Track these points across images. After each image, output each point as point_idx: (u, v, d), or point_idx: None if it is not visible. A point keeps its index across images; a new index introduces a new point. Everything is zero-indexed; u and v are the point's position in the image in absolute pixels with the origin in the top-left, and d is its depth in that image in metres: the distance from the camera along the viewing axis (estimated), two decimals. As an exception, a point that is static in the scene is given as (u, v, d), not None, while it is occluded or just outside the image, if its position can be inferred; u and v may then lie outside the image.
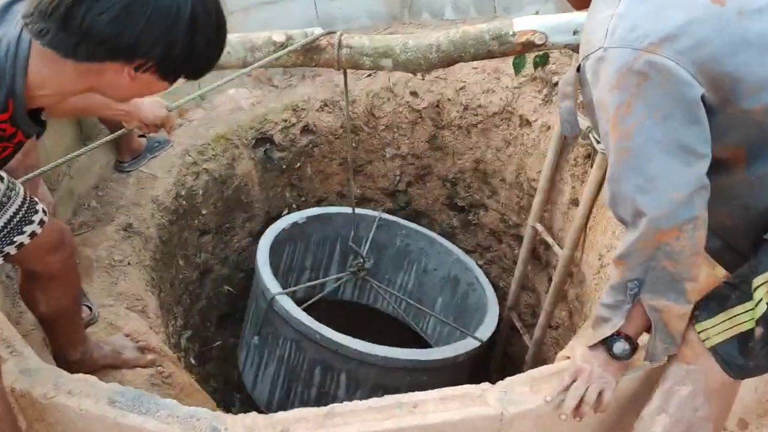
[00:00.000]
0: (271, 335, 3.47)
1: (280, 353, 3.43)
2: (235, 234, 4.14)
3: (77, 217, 3.22)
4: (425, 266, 4.42)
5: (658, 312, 1.48)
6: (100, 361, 2.37)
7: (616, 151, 1.45)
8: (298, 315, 3.29)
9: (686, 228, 1.41)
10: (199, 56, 1.41)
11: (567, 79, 1.56)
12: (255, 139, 4.01)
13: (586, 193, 3.15)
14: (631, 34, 1.38)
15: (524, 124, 3.67)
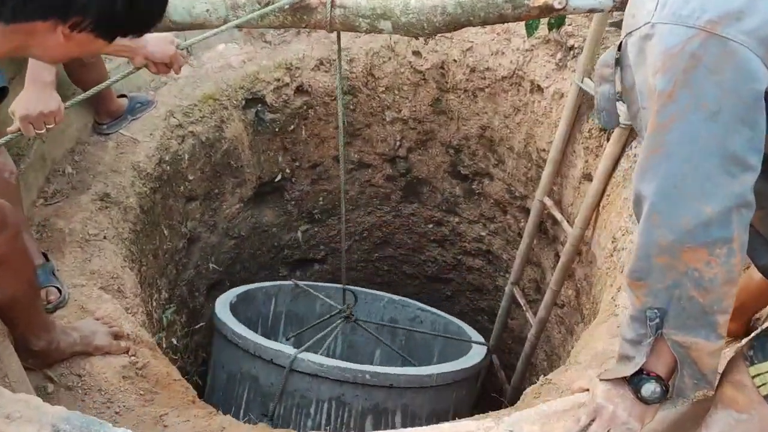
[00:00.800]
0: (296, 406, 3.00)
1: (317, 419, 2.98)
2: (225, 200, 3.91)
3: (50, 184, 2.99)
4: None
5: (685, 348, 1.25)
6: (68, 349, 2.18)
7: (647, 146, 1.20)
8: (339, 364, 2.94)
9: (719, 252, 1.16)
10: (140, 12, 1.27)
11: (606, 58, 1.30)
12: (245, 100, 3.74)
13: (601, 169, 2.91)
14: (685, 7, 1.12)
15: (535, 90, 3.40)
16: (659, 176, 1.18)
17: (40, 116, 2.22)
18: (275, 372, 2.98)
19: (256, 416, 3.06)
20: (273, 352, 3.00)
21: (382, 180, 4.38)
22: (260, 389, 3.07)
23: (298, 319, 4.08)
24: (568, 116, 3.15)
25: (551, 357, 3.91)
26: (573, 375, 2.03)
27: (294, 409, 3.00)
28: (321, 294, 3.88)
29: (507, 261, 4.33)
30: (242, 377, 3.13)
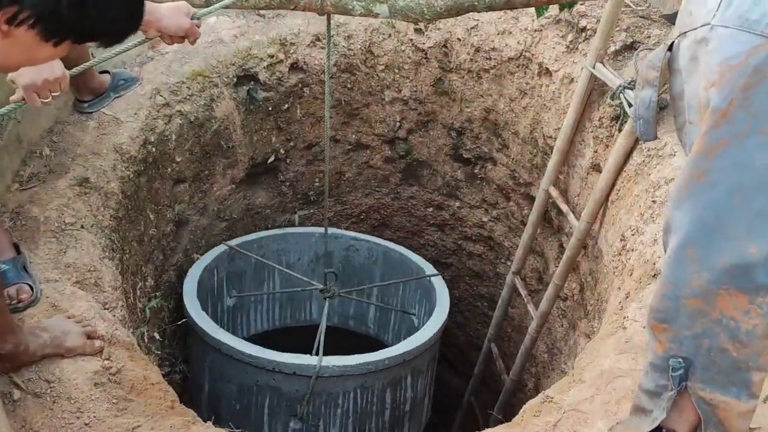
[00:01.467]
0: (324, 403, 3.16)
1: (345, 406, 3.18)
2: (215, 182, 3.74)
3: (27, 167, 2.81)
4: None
5: (712, 407, 1.09)
6: (38, 351, 2.03)
7: (690, 168, 1.04)
8: (363, 359, 3.08)
9: (760, 301, 1.00)
10: (96, 14, 1.09)
11: (652, 60, 1.12)
12: (237, 77, 3.55)
13: (611, 162, 2.73)
14: (755, 9, 0.93)
15: (543, 74, 3.20)
16: (700, 206, 1.01)
17: (45, 84, 2.06)
18: (298, 381, 3.06)
19: (283, 419, 3.18)
20: (295, 366, 3.02)
21: (381, 162, 4.20)
22: (284, 396, 3.13)
23: (237, 276, 4.04)
24: (577, 103, 2.96)
25: (552, 350, 3.78)
26: (576, 394, 1.89)
27: (322, 405, 3.16)
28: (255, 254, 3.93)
29: (509, 248, 4.17)
30: (260, 389, 3.15)
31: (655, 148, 2.50)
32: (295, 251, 4.18)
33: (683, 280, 1.04)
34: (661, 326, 1.08)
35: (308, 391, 3.03)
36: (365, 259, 4.28)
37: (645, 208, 2.41)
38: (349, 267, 4.28)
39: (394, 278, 4.12)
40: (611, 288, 2.69)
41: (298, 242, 4.15)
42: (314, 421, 3.19)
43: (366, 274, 4.32)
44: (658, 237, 2.25)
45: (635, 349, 1.92)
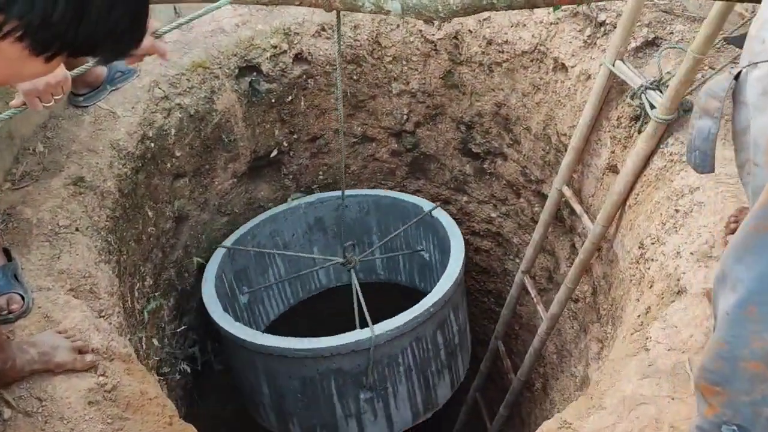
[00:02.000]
0: (386, 366, 3.32)
1: (407, 362, 3.36)
2: (216, 176, 3.62)
3: (19, 164, 2.70)
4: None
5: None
6: (26, 367, 1.93)
7: (755, 219, 0.92)
8: (413, 315, 3.20)
9: None
10: (95, 27, 0.93)
11: (714, 88, 1.00)
12: (239, 68, 3.42)
13: (629, 165, 2.61)
14: None
15: (559, 69, 3.06)
16: (765, 261, 0.89)
17: (47, 87, 1.95)
18: (358, 356, 3.17)
19: (353, 393, 3.29)
20: (352, 344, 3.11)
21: (387, 155, 4.07)
22: (348, 374, 3.23)
23: (243, 272, 4.02)
24: (594, 101, 2.82)
25: (561, 351, 3.68)
26: (597, 421, 1.79)
27: (385, 368, 3.28)
28: (251, 244, 3.95)
29: (518, 245, 4.06)
30: (323, 375, 3.23)
31: (678, 153, 2.38)
32: (288, 228, 4.14)
33: (742, 341, 0.92)
34: (714, 389, 0.97)
35: (370, 363, 3.14)
36: (357, 213, 4.25)
37: (667, 217, 2.29)
38: (345, 223, 4.19)
39: (390, 223, 4.14)
40: (627, 297, 2.58)
41: (287, 219, 4.11)
42: (382, 385, 3.32)
43: (363, 228, 4.32)
44: (681, 250, 2.13)
45: (659, 373, 1.82)
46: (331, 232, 4.29)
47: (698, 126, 1.05)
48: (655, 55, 2.58)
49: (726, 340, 0.94)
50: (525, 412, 4.27)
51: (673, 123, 2.42)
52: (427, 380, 3.54)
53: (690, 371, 1.78)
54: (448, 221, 3.83)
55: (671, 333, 1.90)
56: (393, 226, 4.20)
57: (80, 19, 0.91)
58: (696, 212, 2.17)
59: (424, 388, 3.58)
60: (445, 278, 3.44)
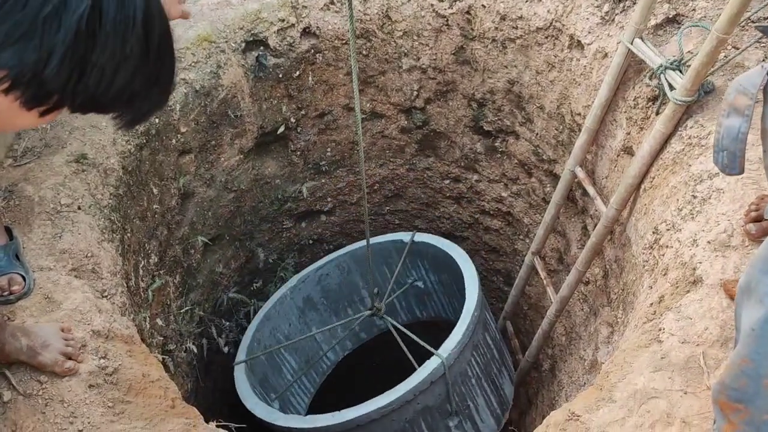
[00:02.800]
0: (462, 385, 3.31)
1: None
2: (223, 152, 3.56)
3: (21, 140, 2.65)
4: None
5: None
6: (12, 355, 1.90)
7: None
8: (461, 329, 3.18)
9: None
10: (100, 85, 0.86)
11: (744, 84, 0.93)
12: (245, 42, 3.34)
13: (646, 148, 2.52)
14: None
15: (574, 46, 2.96)
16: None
17: None
18: (436, 385, 3.12)
19: (443, 425, 3.24)
20: (429, 376, 3.05)
21: (396, 132, 3.99)
22: (433, 409, 3.18)
23: (264, 378, 4.03)
24: (611, 81, 2.73)
25: (570, 334, 3.64)
26: (606, 414, 1.74)
27: (461, 386, 3.27)
28: (258, 350, 3.95)
29: (528, 225, 4.00)
30: (412, 422, 3.15)
31: (698, 137, 2.29)
32: (283, 321, 4.17)
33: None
34: (735, 406, 0.91)
35: (448, 386, 3.11)
36: (339, 276, 4.25)
37: (684, 203, 2.21)
38: (332, 291, 4.29)
39: (376, 269, 4.06)
40: (640, 282, 2.52)
41: (279, 312, 4.12)
42: (464, 404, 3.28)
43: (352, 286, 4.31)
44: (698, 238, 2.06)
45: (672, 367, 1.76)
46: (322, 306, 4.28)
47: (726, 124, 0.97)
48: (676, 34, 2.48)
49: (751, 357, 0.89)
50: (532, 392, 4.24)
51: (693, 105, 2.33)
52: (494, 383, 3.55)
53: (704, 365, 1.73)
54: (436, 240, 3.84)
55: (685, 325, 1.84)
56: (379, 271, 4.16)
57: (78, 80, 0.84)
58: (714, 199, 2.10)
59: (495, 392, 3.57)
60: (469, 280, 3.47)
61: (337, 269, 4.17)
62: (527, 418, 4.23)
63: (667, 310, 1.96)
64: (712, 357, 1.75)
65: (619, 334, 2.78)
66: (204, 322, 3.92)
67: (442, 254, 3.81)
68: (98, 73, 0.84)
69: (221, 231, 3.91)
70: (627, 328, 2.36)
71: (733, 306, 1.80)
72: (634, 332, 2.10)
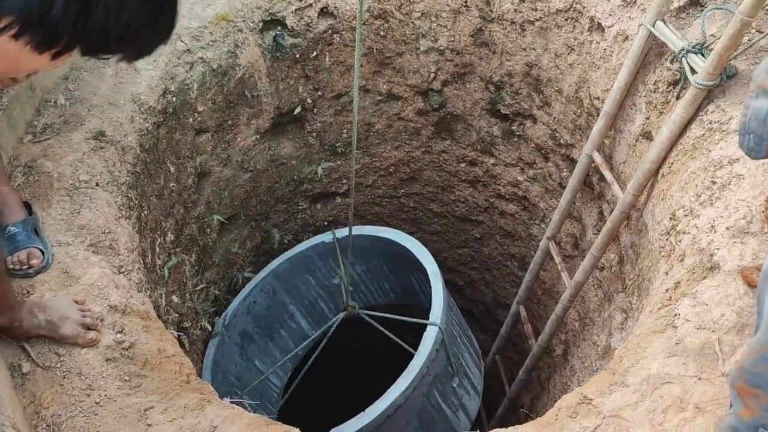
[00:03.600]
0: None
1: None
2: (239, 132, 3.57)
3: (41, 117, 2.68)
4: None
5: None
6: (32, 331, 1.93)
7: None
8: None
9: None
10: (106, 23, 0.87)
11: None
12: (263, 22, 3.33)
13: (665, 133, 2.50)
14: None
15: (594, 29, 2.92)
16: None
17: None
18: (440, 352, 3.24)
19: (450, 388, 3.36)
20: (436, 343, 3.16)
21: (413, 114, 3.98)
22: (442, 376, 3.29)
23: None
24: (631, 64, 2.70)
25: (584, 319, 3.63)
26: (619, 399, 1.74)
27: (453, 347, 3.37)
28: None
29: (544, 210, 3.98)
30: (428, 394, 3.22)
31: (718, 122, 2.26)
32: (229, 361, 3.94)
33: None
34: (753, 391, 0.91)
35: (448, 350, 3.25)
36: (267, 299, 4.12)
37: (702, 189, 2.19)
38: (263, 318, 4.14)
39: (298, 278, 4.14)
40: (656, 268, 2.50)
41: (222, 354, 3.87)
42: (459, 363, 3.45)
43: (280, 307, 4.24)
44: (716, 224, 2.04)
45: (686, 352, 1.76)
46: (257, 336, 4.14)
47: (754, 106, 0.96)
48: (699, 16, 2.44)
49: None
50: (544, 377, 4.25)
51: (715, 89, 2.30)
52: (467, 335, 3.78)
53: (719, 352, 1.72)
54: (360, 229, 3.84)
55: (701, 311, 1.83)
56: (302, 280, 4.16)
57: (85, 19, 0.85)
58: (734, 185, 2.07)
59: (470, 344, 3.78)
60: (419, 251, 3.59)
61: (262, 293, 4.06)
62: (539, 402, 4.24)
63: (683, 296, 1.94)
64: (728, 343, 1.74)
65: (633, 320, 2.77)
66: (219, 301, 3.95)
67: (368, 242, 3.82)
68: (104, 9, 0.85)
69: (237, 211, 3.93)
70: (642, 314, 2.35)
71: (750, 293, 1.79)
72: (648, 317, 2.09)
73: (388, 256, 3.96)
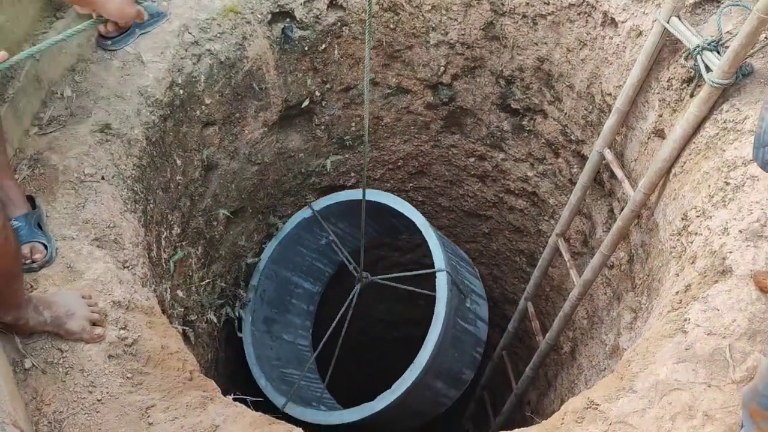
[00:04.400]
0: None
1: None
2: (247, 125, 3.54)
3: (47, 109, 2.66)
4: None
5: None
6: (37, 327, 1.92)
7: None
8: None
9: None
10: None
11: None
12: (271, 14, 3.29)
13: (678, 131, 2.45)
14: None
15: (607, 24, 2.87)
16: None
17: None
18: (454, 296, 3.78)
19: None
20: (448, 287, 3.71)
21: (422, 107, 3.94)
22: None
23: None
24: (644, 60, 2.65)
25: (592, 317, 3.60)
26: (626, 404, 1.71)
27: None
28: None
29: (553, 206, 3.94)
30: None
31: (733, 121, 2.21)
32: (265, 349, 4.25)
33: None
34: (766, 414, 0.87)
35: (457, 284, 3.74)
36: (272, 282, 4.34)
37: (716, 190, 2.15)
38: (274, 299, 4.40)
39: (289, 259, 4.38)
40: (666, 269, 2.46)
41: (258, 348, 4.17)
42: (465, 285, 3.92)
43: (284, 282, 4.49)
44: (729, 226, 2.00)
45: (696, 358, 1.72)
46: (278, 316, 4.45)
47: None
48: (715, 13, 2.39)
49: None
50: (551, 374, 4.22)
51: (730, 88, 2.25)
52: (461, 256, 4.26)
53: (730, 358, 1.69)
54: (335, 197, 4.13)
55: (712, 316, 1.79)
56: (293, 262, 4.45)
57: None
58: (748, 187, 2.03)
59: (465, 261, 4.27)
60: (398, 204, 3.92)
61: (267, 280, 4.27)
62: (545, 399, 4.22)
63: (693, 299, 1.91)
64: (739, 350, 1.70)
65: (642, 320, 2.73)
66: (226, 294, 3.95)
67: (346, 206, 4.14)
68: None
69: (244, 203, 3.91)
70: (651, 316, 2.32)
71: (763, 299, 1.75)
72: (658, 320, 2.05)
73: (368, 212, 4.16)
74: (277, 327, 4.38)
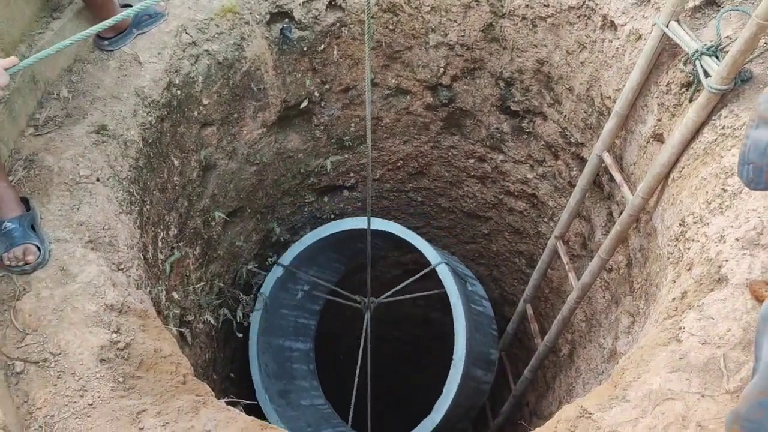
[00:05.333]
0: None
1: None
2: (245, 125, 3.53)
3: (43, 109, 2.66)
4: None
5: None
6: None
7: None
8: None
9: None
10: None
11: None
12: (270, 14, 3.28)
13: (677, 137, 2.43)
14: None
15: (607, 27, 2.85)
16: None
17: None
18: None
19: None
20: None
21: (422, 108, 3.92)
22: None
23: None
24: (643, 64, 2.63)
25: (590, 320, 3.58)
26: (619, 414, 1.70)
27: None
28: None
29: (553, 208, 3.92)
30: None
31: (731, 127, 2.19)
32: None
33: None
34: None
35: (456, 271, 4.00)
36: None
37: (713, 196, 2.13)
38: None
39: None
40: (663, 275, 2.44)
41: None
42: (461, 270, 4.23)
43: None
44: (726, 234, 1.98)
45: (690, 368, 1.71)
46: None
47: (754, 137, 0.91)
48: (715, 18, 2.36)
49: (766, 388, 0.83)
50: (549, 376, 4.21)
51: (728, 93, 2.23)
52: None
53: (724, 368, 1.67)
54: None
55: (707, 325, 1.78)
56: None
57: None
58: (746, 194, 2.01)
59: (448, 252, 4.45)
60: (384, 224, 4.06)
61: (264, 354, 4.31)
62: (544, 401, 4.20)
63: (688, 308, 1.89)
64: (733, 360, 1.69)
65: (639, 324, 2.72)
66: (223, 294, 3.94)
67: (310, 251, 4.22)
68: None
69: (242, 204, 3.90)
70: (648, 322, 2.30)
71: (758, 308, 1.73)
72: (653, 328, 2.04)
73: (331, 246, 4.40)
74: (293, 396, 4.44)
